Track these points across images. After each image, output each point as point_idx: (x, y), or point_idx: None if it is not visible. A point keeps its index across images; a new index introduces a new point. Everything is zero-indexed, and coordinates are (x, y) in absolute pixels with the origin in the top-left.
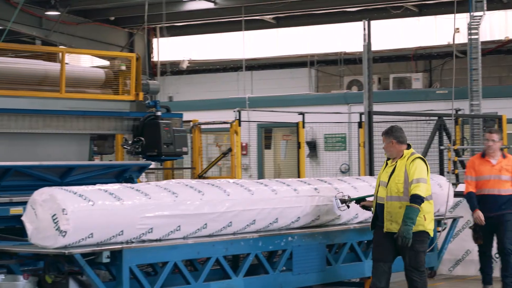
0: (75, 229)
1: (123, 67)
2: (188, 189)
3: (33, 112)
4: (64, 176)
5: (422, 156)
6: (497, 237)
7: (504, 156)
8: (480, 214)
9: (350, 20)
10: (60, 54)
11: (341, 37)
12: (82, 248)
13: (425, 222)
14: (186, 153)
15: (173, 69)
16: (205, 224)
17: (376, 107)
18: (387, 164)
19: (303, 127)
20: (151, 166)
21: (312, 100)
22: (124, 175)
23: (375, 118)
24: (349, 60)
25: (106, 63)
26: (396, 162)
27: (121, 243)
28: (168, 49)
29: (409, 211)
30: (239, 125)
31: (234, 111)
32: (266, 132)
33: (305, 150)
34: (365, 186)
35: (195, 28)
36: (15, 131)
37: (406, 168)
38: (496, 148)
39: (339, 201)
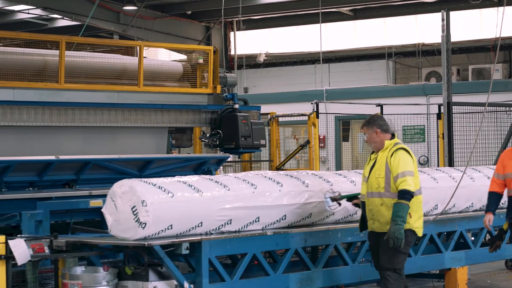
0: (154, 220)
1: (201, 60)
2: (267, 181)
3: (111, 105)
4: (143, 169)
5: (405, 147)
6: None
7: None
8: (488, 218)
9: (428, 11)
10: (138, 48)
11: (419, 29)
12: (161, 240)
13: (411, 219)
14: (264, 145)
15: (250, 62)
16: (284, 215)
17: (455, 98)
18: (370, 158)
19: None
20: (229, 159)
21: (390, 92)
22: (202, 168)
23: (454, 109)
24: (427, 52)
25: (183, 58)
26: (378, 154)
27: (200, 234)
28: (245, 42)
29: (397, 209)
30: (317, 117)
31: (311, 103)
32: (344, 125)
33: None
34: (445, 177)
35: (271, 21)
36: (93, 124)
37: (387, 161)
38: None
39: (329, 199)
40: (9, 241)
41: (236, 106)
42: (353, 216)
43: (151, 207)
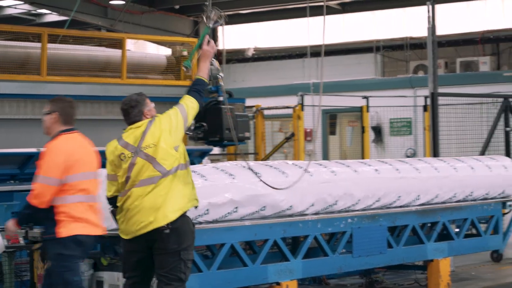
0: None
1: (185, 53)
2: (246, 171)
3: (94, 98)
4: None
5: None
6: None
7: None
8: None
9: (416, 4)
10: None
11: (407, 22)
12: None
13: None
14: (248, 138)
15: (238, 57)
16: (264, 206)
17: (443, 91)
18: None
19: (367, 111)
20: (214, 152)
21: (377, 85)
22: None
23: (441, 101)
24: (415, 45)
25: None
26: None
27: None
28: (233, 37)
29: None
30: (302, 109)
31: (297, 96)
32: (331, 118)
33: (370, 135)
34: (427, 168)
35: (260, 15)
36: (76, 117)
37: None
38: (47, 126)
39: None
40: None
41: (221, 98)
42: (333, 206)
43: None
